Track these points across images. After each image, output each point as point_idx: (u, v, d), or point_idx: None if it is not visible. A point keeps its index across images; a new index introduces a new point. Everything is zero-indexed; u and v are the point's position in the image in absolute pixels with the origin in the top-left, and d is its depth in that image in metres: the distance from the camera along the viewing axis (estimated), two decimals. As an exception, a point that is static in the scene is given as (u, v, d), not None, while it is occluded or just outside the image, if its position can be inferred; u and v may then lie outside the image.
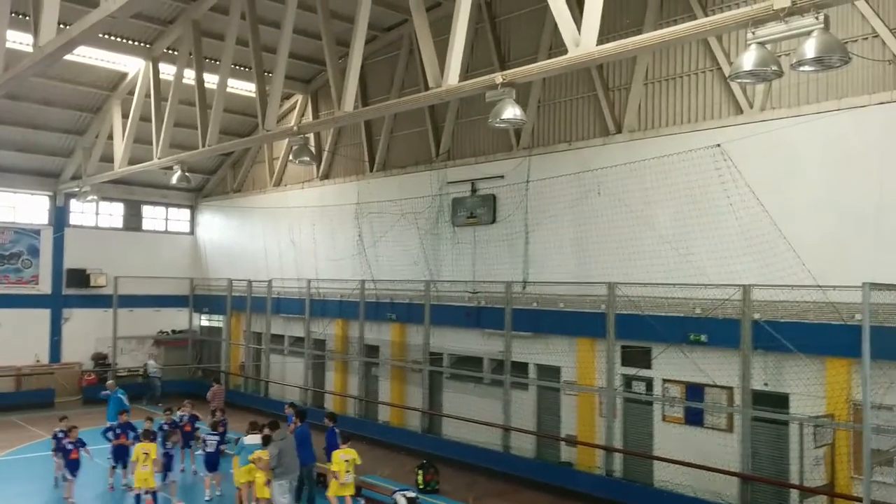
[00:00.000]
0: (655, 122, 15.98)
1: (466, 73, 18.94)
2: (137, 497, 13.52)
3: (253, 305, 26.61)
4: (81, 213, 28.00)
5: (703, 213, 14.69)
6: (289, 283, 25.28)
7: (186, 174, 19.44)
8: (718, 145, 14.49)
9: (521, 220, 18.24)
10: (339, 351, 23.42)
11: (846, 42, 12.49)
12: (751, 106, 14.30)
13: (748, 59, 8.05)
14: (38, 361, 26.59)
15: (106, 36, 20.30)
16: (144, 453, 13.54)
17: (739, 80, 8.31)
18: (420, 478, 16.15)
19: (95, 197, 23.88)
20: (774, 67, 8.03)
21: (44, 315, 26.81)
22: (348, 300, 22.67)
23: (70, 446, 14.86)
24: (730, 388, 13.95)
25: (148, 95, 20.82)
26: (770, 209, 13.68)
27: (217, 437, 15.45)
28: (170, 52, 21.18)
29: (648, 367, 15.36)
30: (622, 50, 9.36)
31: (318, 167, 24.94)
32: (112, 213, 28.96)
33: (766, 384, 13.44)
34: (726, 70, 14.41)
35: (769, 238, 13.61)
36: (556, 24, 10.74)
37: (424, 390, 20.17)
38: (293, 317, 25.07)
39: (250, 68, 18.27)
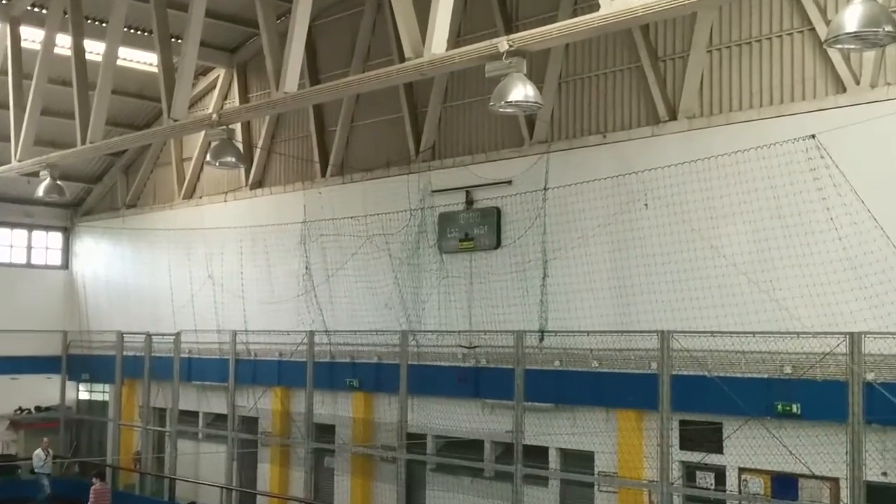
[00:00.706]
0: (724, 105, 16.21)
1: (458, 38, 19.13)
2: None
3: (154, 370, 26.49)
4: None
5: (792, 231, 14.87)
6: (206, 337, 25.36)
7: (58, 183, 19.48)
8: (813, 136, 14.67)
9: (537, 244, 18.44)
10: (277, 434, 23.46)
11: None
12: (857, 82, 14.49)
13: (852, 17, 8.13)
14: None
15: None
16: None
17: (840, 47, 8.42)
18: None
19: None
20: (889, 28, 8.07)
21: None
22: (291, 360, 22.71)
23: None
24: (834, 480, 13.98)
25: (4, 72, 20.85)
26: (887, 226, 13.83)
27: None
28: (35, 9, 21.19)
29: (719, 450, 15.41)
30: (677, 4, 9.42)
31: (248, 172, 25.17)
32: (-53, 241, 29.04)
33: (884, 474, 13.48)
34: (822, 32, 14.55)
35: (886, 266, 13.78)
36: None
37: (400, 488, 20.11)
38: (212, 385, 25.22)
39: (150, 32, 18.49)
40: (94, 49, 20.28)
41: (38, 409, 29.64)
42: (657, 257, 16.57)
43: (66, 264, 31.36)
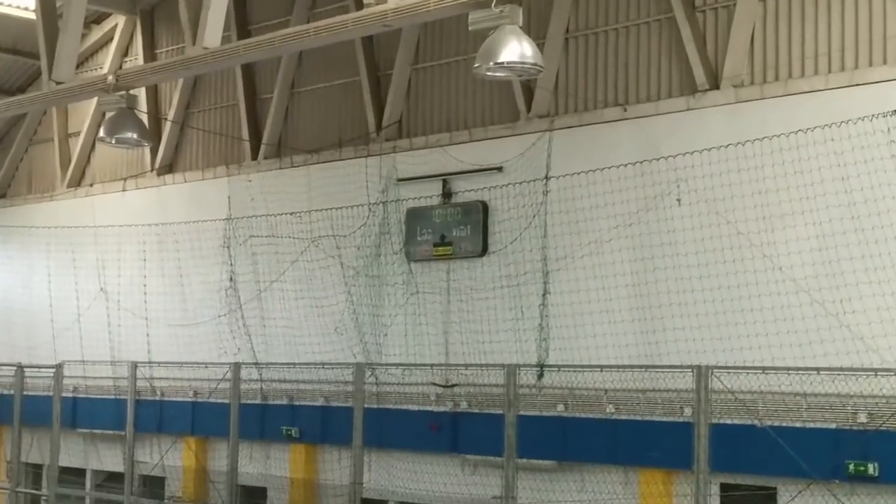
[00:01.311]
0: (781, 70, 16.19)
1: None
2: None
3: (26, 412, 26.27)
4: None
5: (869, 237, 14.78)
6: (96, 371, 25.30)
7: None
8: (896, 112, 14.53)
9: (536, 251, 18.56)
10: (190, 499, 23.28)
11: None
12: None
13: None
14: None
15: None
16: None
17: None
18: None
19: None
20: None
21: None
22: (209, 401, 22.71)
23: None
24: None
25: None
26: None
27: None
28: None
29: (772, 524, 15.42)
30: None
31: (155, 153, 25.20)
32: None
33: None
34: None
35: None
36: None
37: (354, 573, 19.93)
38: (104, 434, 25.12)
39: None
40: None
41: None
42: (692, 269, 16.54)
43: None
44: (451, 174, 19.91)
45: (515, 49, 10.77)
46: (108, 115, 16.22)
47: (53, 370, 25.34)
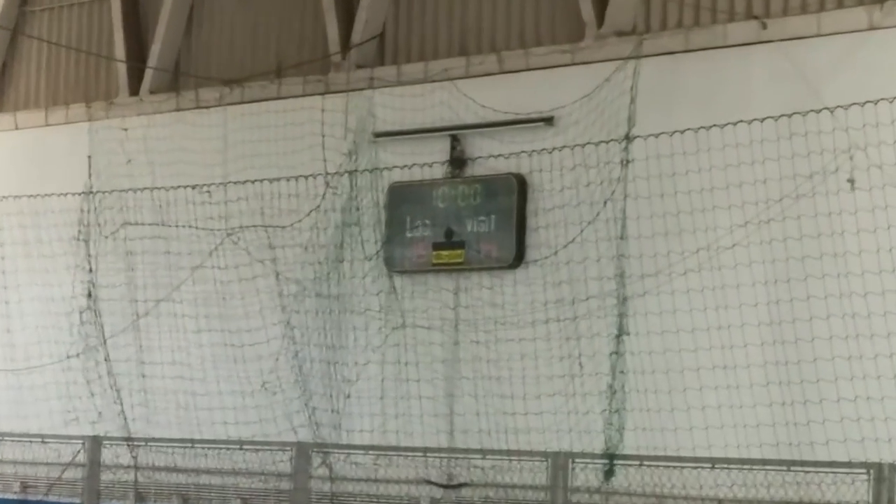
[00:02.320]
0: None
1: None
2: None
3: None
4: None
5: None
6: None
7: None
8: None
9: (607, 261, 18.67)
10: None
11: None
12: None
13: None
14: None
15: None
16: None
17: None
18: None
19: None
20: None
21: None
22: (48, 501, 22.82)
23: None
24: None
25: None
26: None
27: None
28: None
29: None
30: None
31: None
32: None
33: None
34: None
35: None
36: None
37: None
38: None
39: None
40: None
41: None
42: (872, 299, 16.42)
43: None
44: (465, 127, 20.26)
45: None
46: None
47: None
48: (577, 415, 18.62)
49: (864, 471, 15.57)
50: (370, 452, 19.83)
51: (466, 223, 19.71)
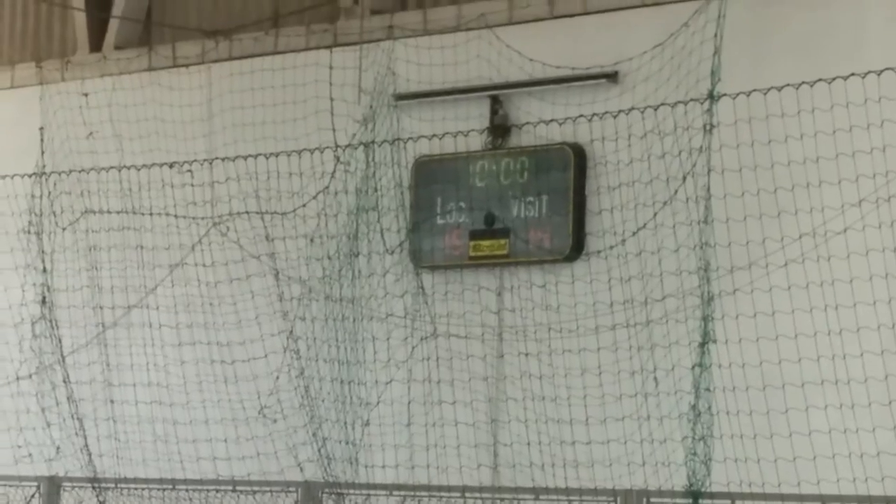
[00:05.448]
0: None
1: None
2: None
3: None
4: None
5: None
6: None
7: None
8: None
9: (688, 252, 17.36)
10: None
11: None
12: None
13: None
14: None
15: None
16: None
17: None
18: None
19: None
20: None
21: None
22: None
23: None
24: None
25: None
26: None
27: None
28: None
29: None
30: None
31: None
32: None
33: None
34: None
35: None
36: None
37: None
38: None
39: None
40: None
41: None
42: None
43: None
44: (508, 87, 19.09)
45: None
46: None
47: None
48: (653, 443, 17.18)
49: None
50: (395, 493, 18.45)
51: (511, 206, 18.49)
